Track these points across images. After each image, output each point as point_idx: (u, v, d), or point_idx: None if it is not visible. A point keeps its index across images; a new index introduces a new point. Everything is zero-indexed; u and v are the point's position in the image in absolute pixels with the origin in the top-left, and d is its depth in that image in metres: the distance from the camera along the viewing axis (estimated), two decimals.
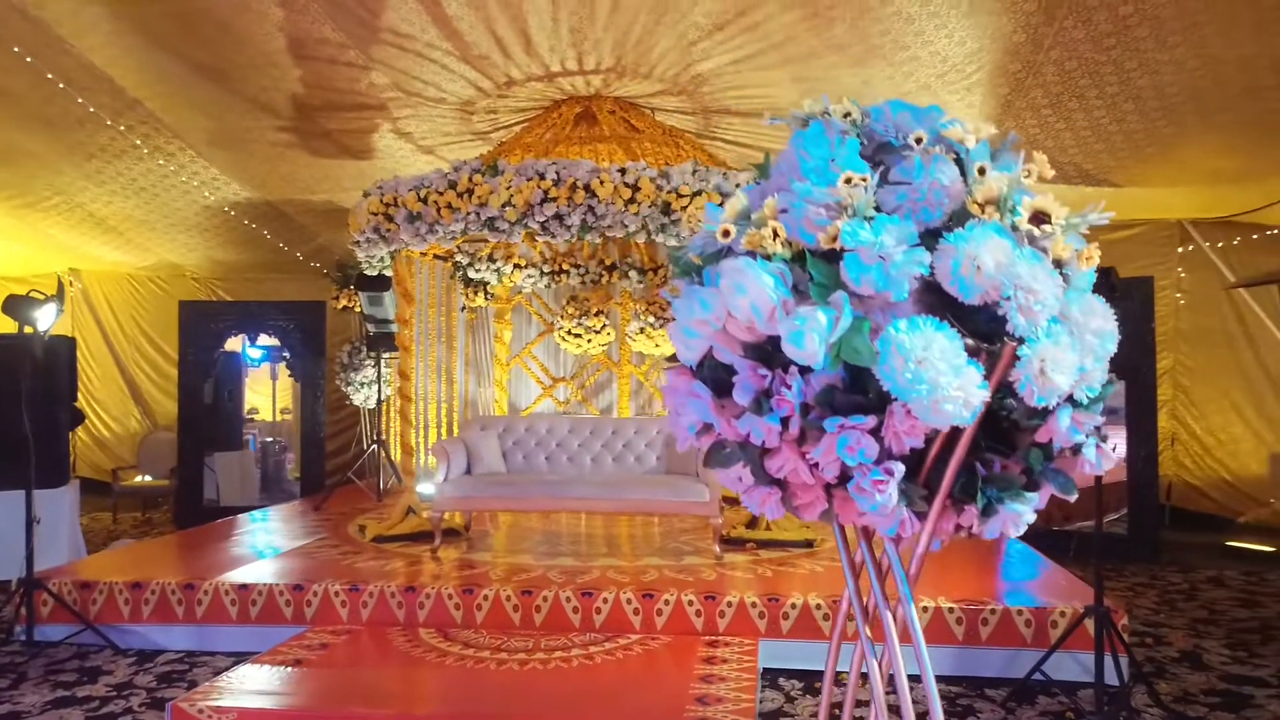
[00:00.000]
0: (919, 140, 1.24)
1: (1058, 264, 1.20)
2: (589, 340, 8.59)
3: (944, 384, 1.10)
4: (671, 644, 4.52)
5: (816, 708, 4.06)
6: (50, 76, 5.90)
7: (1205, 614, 5.67)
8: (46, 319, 5.12)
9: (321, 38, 5.56)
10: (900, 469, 1.21)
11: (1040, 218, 1.19)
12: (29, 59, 5.65)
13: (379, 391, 8.44)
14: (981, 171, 1.21)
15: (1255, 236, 7.69)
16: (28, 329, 5.12)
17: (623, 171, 5.48)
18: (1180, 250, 8.23)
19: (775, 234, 1.20)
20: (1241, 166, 6.49)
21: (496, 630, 4.72)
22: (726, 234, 1.25)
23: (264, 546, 6.19)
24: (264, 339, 10.28)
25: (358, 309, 9.01)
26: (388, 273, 7.07)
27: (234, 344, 10.07)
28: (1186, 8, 4.64)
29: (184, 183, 7.87)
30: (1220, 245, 7.99)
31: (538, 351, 9.53)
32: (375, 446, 8.39)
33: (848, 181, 1.19)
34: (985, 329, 1.18)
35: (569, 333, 8.59)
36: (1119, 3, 4.72)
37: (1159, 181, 6.88)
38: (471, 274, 8.24)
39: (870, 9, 5.08)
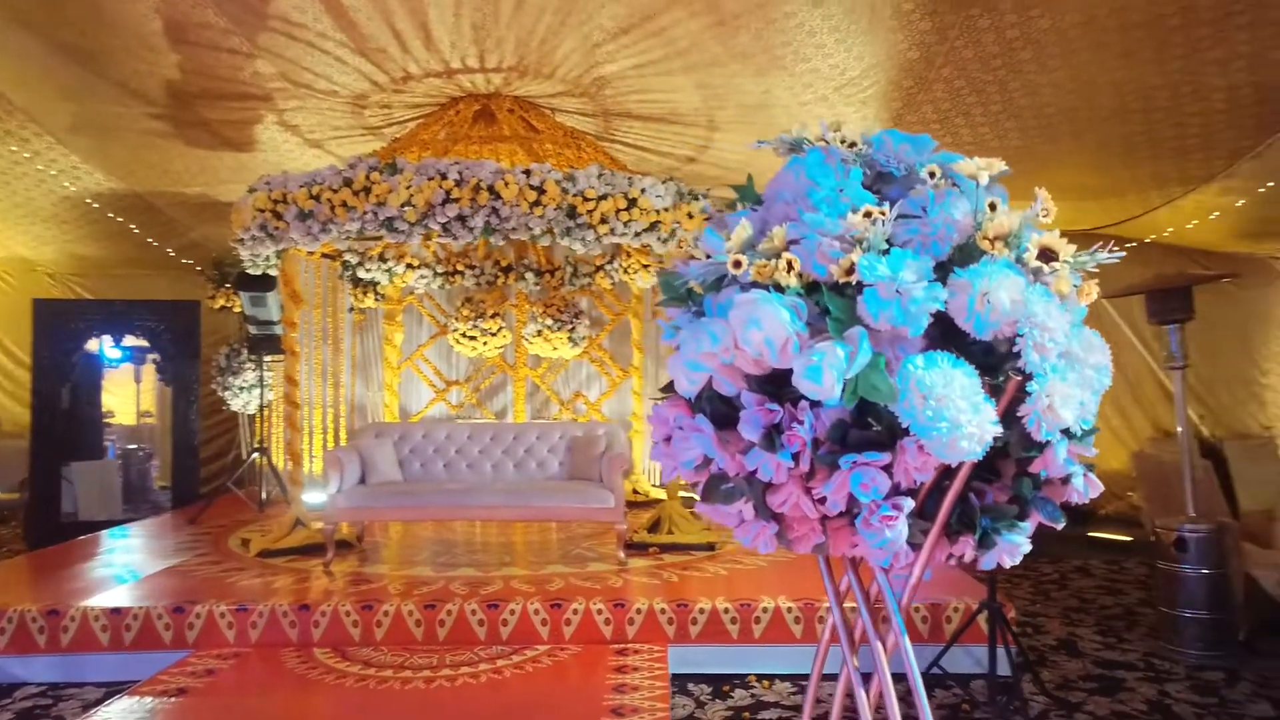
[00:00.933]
0: (932, 174, 1.24)
1: (1059, 299, 1.23)
2: (485, 343, 8.42)
3: (964, 421, 1.10)
4: (581, 654, 4.47)
5: (727, 712, 4.09)
6: None
7: (1076, 602, 6.05)
8: None
9: (204, 22, 5.21)
10: (910, 504, 1.21)
11: (1047, 255, 1.21)
12: None
13: (260, 396, 8.01)
14: (993, 207, 1.22)
15: (1115, 249, 8.27)
16: None
17: (527, 173, 5.38)
18: None
19: (790, 266, 1.17)
20: (1106, 183, 6.95)
21: (398, 647, 4.54)
22: (738, 265, 1.21)
23: (136, 565, 5.76)
24: (130, 339, 9.59)
25: (237, 309, 8.52)
26: (272, 271, 6.71)
27: (93, 344, 9.35)
28: (1066, 34, 4.91)
29: (39, 171, 7.24)
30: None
31: (430, 354, 9.27)
32: (256, 455, 7.96)
33: (867, 215, 1.17)
34: (984, 362, 1.19)
35: (464, 335, 8.40)
36: (1007, 26, 4.95)
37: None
38: (361, 274, 7.93)
39: (774, 20, 5.16)
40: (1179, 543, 4.89)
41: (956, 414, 1.10)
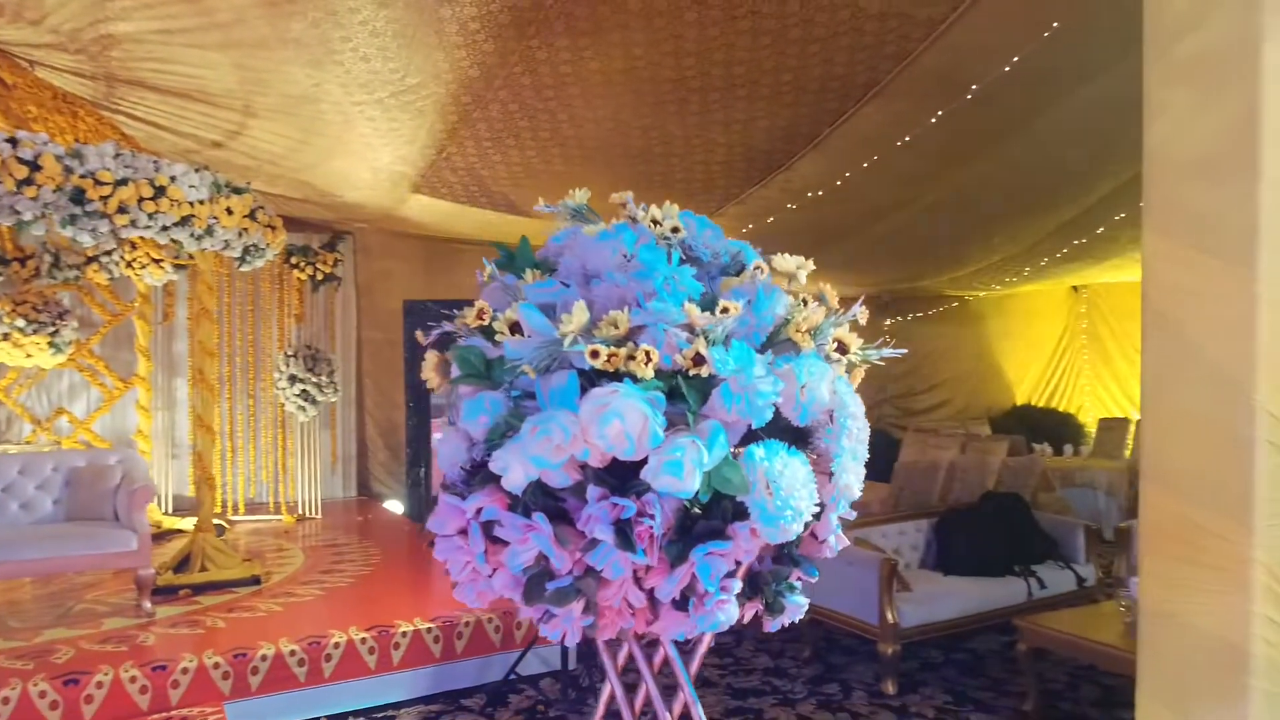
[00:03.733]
0: (759, 269, 1.27)
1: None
2: None
3: (804, 509, 1.15)
4: None
5: None
6: None
7: None
8: None
9: None
10: (738, 585, 1.22)
11: (843, 348, 1.32)
12: None
13: None
14: (805, 303, 1.29)
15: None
16: None
17: (13, 142, 4.29)
18: None
19: (649, 358, 1.09)
20: None
21: None
22: (596, 355, 1.09)
23: None
24: None
25: None
26: None
27: None
28: (611, 78, 5.44)
29: None
30: None
31: None
32: None
33: (724, 311, 1.15)
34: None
35: None
36: (561, 62, 5.31)
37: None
38: None
39: (336, 13, 4.83)
40: None
41: (799, 503, 1.17)
